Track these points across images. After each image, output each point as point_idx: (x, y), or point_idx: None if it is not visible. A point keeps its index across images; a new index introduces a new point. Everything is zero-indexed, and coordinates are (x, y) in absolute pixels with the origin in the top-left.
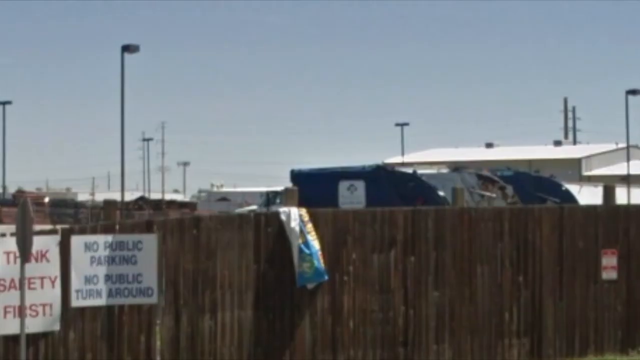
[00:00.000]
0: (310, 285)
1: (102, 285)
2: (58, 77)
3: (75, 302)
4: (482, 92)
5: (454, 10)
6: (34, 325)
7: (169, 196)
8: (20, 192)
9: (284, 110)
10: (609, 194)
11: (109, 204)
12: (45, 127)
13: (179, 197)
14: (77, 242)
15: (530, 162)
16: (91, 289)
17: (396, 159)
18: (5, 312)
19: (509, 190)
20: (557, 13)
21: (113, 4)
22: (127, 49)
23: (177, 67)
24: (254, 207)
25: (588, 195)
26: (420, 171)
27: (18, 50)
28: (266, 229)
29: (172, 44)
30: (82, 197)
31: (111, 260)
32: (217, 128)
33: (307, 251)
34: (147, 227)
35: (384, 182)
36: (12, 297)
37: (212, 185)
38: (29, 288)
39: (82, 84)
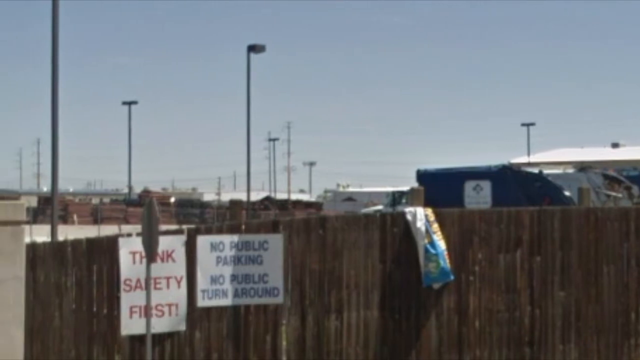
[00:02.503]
0: (436, 285)
1: (228, 285)
2: (184, 77)
3: (201, 302)
4: (608, 91)
5: (580, 9)
6: (159, 325)
7: (294, 196)
8: (146, 192)
9: (409, 110)
10: None
11: (234, 203)
12: (171, 127)
13: (304, 197)
14: (203, 242)
15: None
16: (217, 289)
17: (522, 159)
18: (131, 312)
19: (635, 190)
20: None
21: (239, 4)
22: (253, 48)
23: (303, 67)
24: (379, 207)
25: None
26: (546, 171)
27: (145, 51)
28: (392, 229)
29: (298, 44)
30: (208, 197)
31: (237, 260)
32: (342, 128)
33: (433, 251)
34: (273, 227)
35: (511, 182)
36: (138, 297)
37: (338, 185)
38: (155, 288)
39: (208, 84)
